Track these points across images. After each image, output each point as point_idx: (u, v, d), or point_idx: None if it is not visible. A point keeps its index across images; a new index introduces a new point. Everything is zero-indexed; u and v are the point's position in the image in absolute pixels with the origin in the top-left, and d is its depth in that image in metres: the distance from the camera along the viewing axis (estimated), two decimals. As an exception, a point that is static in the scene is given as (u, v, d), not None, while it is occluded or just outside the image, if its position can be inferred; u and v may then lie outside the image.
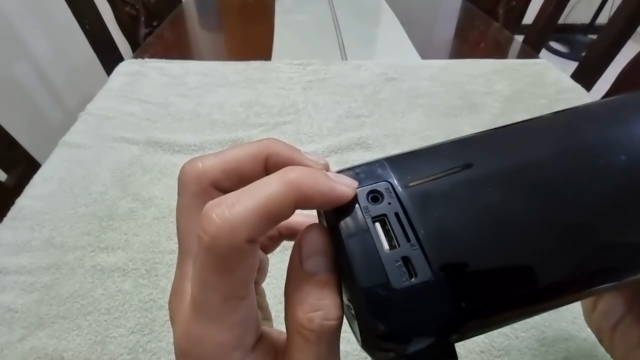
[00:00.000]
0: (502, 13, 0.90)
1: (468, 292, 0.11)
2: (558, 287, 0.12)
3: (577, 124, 0.14)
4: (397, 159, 0.13)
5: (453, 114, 0.51)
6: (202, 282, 0.11)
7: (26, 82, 0.95)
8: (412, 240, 0.12)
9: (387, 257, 0.11)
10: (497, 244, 0.12)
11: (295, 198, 0.11)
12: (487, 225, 0.12)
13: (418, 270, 0.11)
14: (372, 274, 0.11)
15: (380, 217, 0.12)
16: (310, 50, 0.68)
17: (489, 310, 0.11)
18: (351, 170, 0.13)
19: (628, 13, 0.61)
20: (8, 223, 0.35)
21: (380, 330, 0.11)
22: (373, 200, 0.12)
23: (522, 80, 0.58)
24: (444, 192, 0.12)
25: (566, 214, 0.12)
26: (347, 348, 0.27)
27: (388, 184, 0.13)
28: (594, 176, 0.13)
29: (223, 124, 0.48)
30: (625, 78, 0.60)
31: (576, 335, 0.28)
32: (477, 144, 0.14)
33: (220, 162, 0.13)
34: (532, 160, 0.13)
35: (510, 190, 0.12)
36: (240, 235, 0.10)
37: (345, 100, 0.53)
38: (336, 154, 0.44)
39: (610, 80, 0.62)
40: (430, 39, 0.79)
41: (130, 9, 0.82)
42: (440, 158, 0.13)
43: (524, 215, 0.12)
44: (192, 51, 0.71)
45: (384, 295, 0.11)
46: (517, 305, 0.12)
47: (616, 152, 0.13)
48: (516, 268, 0.12)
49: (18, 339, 0.27)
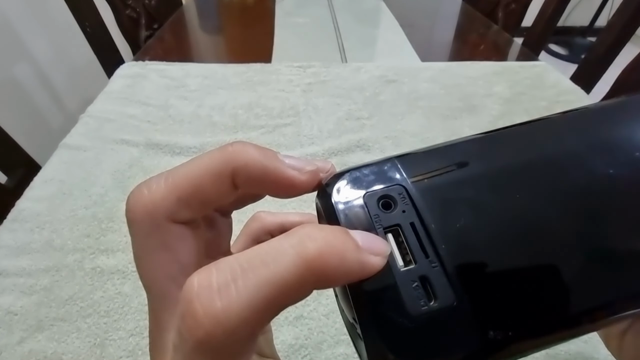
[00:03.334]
0: (501, 15, 0.90)
1: (497, 319, 0.09)
2: (597, 312, 0.10)
3: (605, 122, 0.13)
4: (411, 158, 0.11)
5: (453, 116, 0.51)
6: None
7: (27, 84, 0.96)
8: (431, 256, 0.10)
9: (402, 277, 0.10)
10: (532, 262, 0.10)
11: (315, 283, 0.08)
12: (520, 239, 0.10)
13: (438, 292, 0.09)
14: (384, 296, 0.09)
15: (394, 228, 0.10)
16: (310, 53, 0.68)
17: (520, 339, 0.10)
18: (358, 171, 0.11)
19: (627, 15, 0.61)
20: (8, 225, 0.35)
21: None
22: (385, 207, 0.10)
23: (521, 82, 0.58)
24: (467, 199, 0.11)
25: (607, 234, 0.11)
26: (347, 351, 0.27)
27: (402, 188, 0.11)
28: (632, 189, 0.11)
29: (223, 126, 0.48)
30: (625, 80, 0.60)
31: (577, 338, 0.28)
32: (500, 142, 0.12)
33: (172, 190, 0.10)
34: (568, 167, 0.11)
35: (548, 204, 0.11)
36: (240, 335, 0.08)
37: (345, 103, 0.53)
38: (336, 156, 0.44)
39: (610, 82, 0.63)
40: (430, 41, 0.79)
41: (131, 11, 0.82)
42: (461, 157, 0.11)
43: (561, 231, 0.10)
44: (192, 53, 0.71)
45: (398, 321, 0.09)
46: (551, 333, 0.10)
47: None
48: (552, 291, 0.10)
49: (17, 341, 0.27)
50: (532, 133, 0.13)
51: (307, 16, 0.83)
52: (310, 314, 0.29)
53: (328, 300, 0.30)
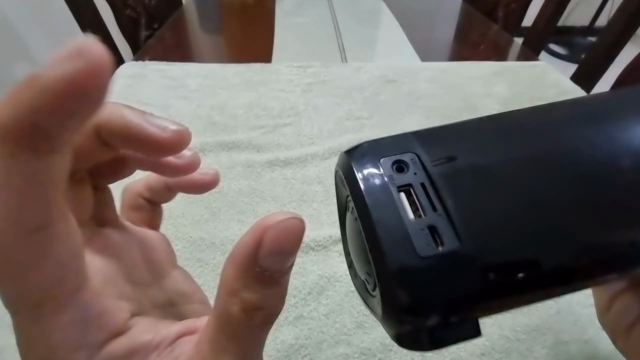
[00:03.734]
0: (501, 15, 0.90)
1: (497, 263, 0.11)
2: (589, 265, 0.11)
3: (610, 107, 0.14)
4: (425, 133, 0.13)
5: (453, 116, 0.51)
6: (3, 290, 0.10)
7: (27, 85, 0.96)
8: (439, 209, 0.11)
9: (413, 226, 0.11)
10: (528, 218, 0.11)
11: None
12: (518, 200, 0.11)
13: (445, 238, 0.11)
14: (397, 242, 0.11)
15: (406, 187, 0.12)
16: (310, 53, 0.68)
17: (518, 284, 0.11)
18: (375, 142, 0.13)
19: (627, 15, 0.61)
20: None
21: (404, 299, 0.10)
22: (398, 170, 0.12)
23: (521, 82, 0.58)
24: (472, 167, 0.12)
25: (599, 193, 0.12)
26: (347, 350, 0.27)
27: (414, 155, 0.12)
28: (628, 157, 0.12)
29: (223, 126, 0.48)
30: (625, 80, 0.60)
31: (577, 337, 0.28)
32: (508, 122, 0.13)
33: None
34: (566, 141, 0.13)
35: (543, 169, 0.12)
36: (1, 231, 0.08)
37: (345, 103, 0.53)
38: (336, 156, 0.43)
39: (610, 82, 0.63)
40: (430, 41, 0.79)
41: (131, 11, 0.82)
42: (470, 134, 0.13)
43: (557, 193, 0.12)
44: (192, 53, 0.71)
45: (409, 263, 0.10)
46: (546, 282, 0.11)
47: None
48: (546, 243, 0.11)
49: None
50: (537, 115, 0.14)
51: (307, 16, 0.83)
52: (311, 314, 0.29)
53: (328, 300, 0.30)
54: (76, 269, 0.10)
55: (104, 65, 0.08)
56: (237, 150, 0.44)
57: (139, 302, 0.13)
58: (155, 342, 0.12)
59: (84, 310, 0.10)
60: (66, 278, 0.10)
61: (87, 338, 0.11)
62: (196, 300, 0.17)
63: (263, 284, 0.10)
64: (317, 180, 0.40)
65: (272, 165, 0.42)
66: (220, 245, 0.34)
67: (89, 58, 0.08)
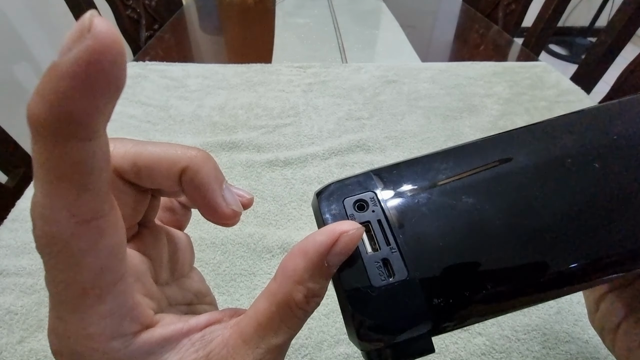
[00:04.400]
0: (501, 16, 0.91)
1: (440, 289, 0.12)
2: (524, 287, 0.13)
3: (552, 131, 0.15)
4: (383, 171, 0.15)
5: (453, 116, 0.51)
6: (50, 280, 0.10)
7: (27, 84, 0.96)
8: (392, 243, 0.13)
9: (369, 259, 0.13)
10: (467, 247, 0.13)
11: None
12: (458, 230, 0.13)
13: (396, 270, 0.12)
14: (355, 274, 0.13)
15: (365, 224, 0.13)
16: (310, 53, 0.68)
17: (459, 306, 0.12)
18: (341, 182, 0.15)
19: (627, 15, 0.61)
20: (8, 225, 0.35)
21: (360, 323, 0.12)
22: (359, 209, 0.14)
23: (522, 82, 0.58)
24: (422, 201, 0.14)
25: (530, 220, 0.13)
26: (348, 350, 0.27)
27: (373, 194, 0.14)
28: (560, 177, 0.14)
29: (223, 126, 0.48)
30: (625, 80, 0.60)
31: (578, 337, 0.28)
32: (455, 156, 0.15)
33: (134, 154, 0.12)
34: (503, 169, 0.14)
35: (481, 198, 0.14)
36: (59, 221, 0.09)
37: (345, 103, 0.53)
38: (336, 156, 0.44)
39: (610, 82, 0.63)
40: (430, 41, 0.79)
41: (132, 12, 0.82)
42: (421, 170, 0.15)
43: (493, 221, 0.13)
44: (192, 54, 0.71)
45: (364, 292, 0.12)
46: (487, 302, 0.13)
47: (585, 155, 0.14)
48: (484, 268, 0.13)
49: (17, 341, 0.27)
50: (490, 143, 0.15)
51: (307, 17, 0.83)
52: (311, 314, 0.29)
53: (328, 300, 0.30)
54: (120, 259, 0.11)
55: (112, 37, 0.08)
56: (237, 150, 0.44)
57: (159, 301, 0.14)
58: (186, 329, 0.12)
59: (121, 302, 0.11)
60: (112, 267, 0.11)
61: (122, 328, 0.11)
62: (207, 301, 0.17)
63: (324, 277, 0.12)
64: (317, 180, 0.40)
65: (272, 165, 0.42)
66: (220, 245, 0.34)
67: (95, 34, 0.08)
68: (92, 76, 0.08)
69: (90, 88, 0.08)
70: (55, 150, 0.08)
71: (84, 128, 0.09)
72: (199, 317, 0.13)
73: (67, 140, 0.08)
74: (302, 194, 0.39)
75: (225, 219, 0.13)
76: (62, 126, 0.08)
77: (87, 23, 0.08)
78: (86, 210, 0.09)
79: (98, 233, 0.10)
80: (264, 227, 0.35)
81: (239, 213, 0.14)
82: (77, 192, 0.09)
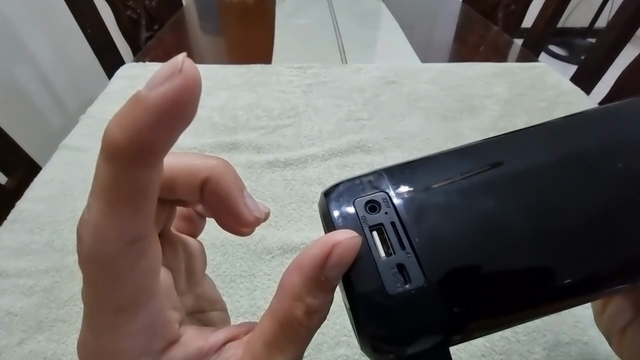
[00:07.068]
0: (501, 17, 0.91)
1: (460, 297, 0.11)
2: (546, 295, 0.12)
3: (572, 130, 0.14)
4: (395, 170, 0.14)
5: (453, 117, 0.51)
6: (89, 295, 0.10)
7: (27, 85, 0.96)
8: (407, 248, 0.12)
9: (383, 265, 0.12)
10: (488, 251, 0.12)
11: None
12: (479, 233, 0.12)
13: (412, 276, 0.11)
14: (368, 280, 0.12)
15: (377, 226, 0.12)
16: (310, 54, 0.68)
17: (480, 315, 0.12)
18: (350, 182, 0.13)
19: (627, 16, 0.61)
20: (8, 226, 0.35)
21: (374, 334, 0.11)
22: (371, 210, 0.13)
23: (521, 83, 0.58)
24: (438, 202, 0.13)
25: (554, 223, 0.12)
26: (348, 352, 0.27)
27: (385, 194, 0.13)
28: (587, 184, 0.13)
29: (223, 127, 0.48)
30: (625, 81, 0.60)
31: (578, 339, 0.28)
32: (472, 154, 0.14)
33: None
34: (527, 168, 0.13)
35: (502, 199, 0.13)
36: (110, 240, 0.09)
37: (345, 104, 0.53)
38: (336, 157, 0.44)
39: (610, 83, 0.63)
40: (430, 42, 0.79)
41: (132, 12, 0.82)
42: (436, 168, 0.14)
43: (515, 224, 0.12)
44: (193, 54, 0.71)
45: (379, 300, 0.11)
46: (508, 311, 0.12)
47: (610, 157, 0.13)
48: (506, 275, 0.12)
49: (17, 342, 0.27)
50: (510, 140, 0.14)
51: (307, 17, 0.83)
52: (311, 315, 0.29)
53: (328, 301, 0.30)
54: (155, 278, 0.11)
55: (197, 81, 0.09)
56: (237, 151, 0.44)
57: (181, 312, 0.14)
58: (206, 348, 0.12)
59: (153, 319, 0.11)
60: (148, 286, 0.11)
61: (152, 345, 0.11)
62: (218, 307, 0.17)
63: (324, 291, 0.12)
64: (317, 181, 0.40)
65: (272, 166, 0.42)
66: (220, 246, 0.34)
67: (185, 75, 0.09)
68: (174, 112, 0.09)
69: (171, 122, 0.09)
70: (123, 174, 0.09)
71: (155, 156, 0.09)
72: (217, 334, 0.13)
73: (136, 166, 0.09)
74: (302, 195, 0.39)
75: (248, 225, 0.13)
76: (137, 154, 0.09)
77: (179, 64, 0.09)
78: (135, 231, 0.10)
79: (140, 253, 0.10)
80: (264, 228, 0.35)
81: (260, 220, 0.14)
82: (131, 214, 0.10)
